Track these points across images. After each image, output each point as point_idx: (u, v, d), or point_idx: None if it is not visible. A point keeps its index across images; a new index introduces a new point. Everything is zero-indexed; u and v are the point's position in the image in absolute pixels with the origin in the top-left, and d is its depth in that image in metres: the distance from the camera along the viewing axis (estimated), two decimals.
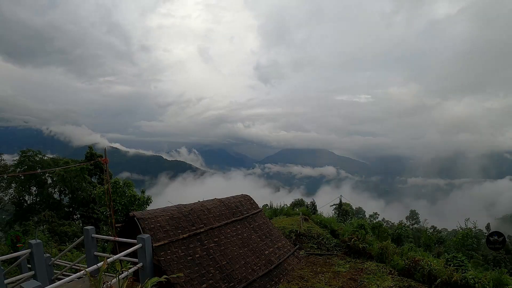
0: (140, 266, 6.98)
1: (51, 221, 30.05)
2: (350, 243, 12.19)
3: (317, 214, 19.77)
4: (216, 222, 9.98)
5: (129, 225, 8.54)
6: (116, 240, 7.70)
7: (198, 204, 10.44)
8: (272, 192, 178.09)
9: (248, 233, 10.79)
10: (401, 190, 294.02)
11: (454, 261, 10.09)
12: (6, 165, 38.15)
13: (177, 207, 9.56)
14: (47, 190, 36.84)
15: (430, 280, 9.30)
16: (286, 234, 13.67)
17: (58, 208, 36.22)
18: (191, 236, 8.73)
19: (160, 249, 7.64)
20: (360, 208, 47.05)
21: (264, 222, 12.21)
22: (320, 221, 16.03)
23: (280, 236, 12.14)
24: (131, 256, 7.06)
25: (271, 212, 18.42)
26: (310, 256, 12.12)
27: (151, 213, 8.49)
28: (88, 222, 32.74)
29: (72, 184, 34.15)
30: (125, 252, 6.72)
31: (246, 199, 12.73)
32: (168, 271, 7.25)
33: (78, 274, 5.53)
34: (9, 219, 35.92)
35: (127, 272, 5.79)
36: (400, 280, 9.56)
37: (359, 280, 9.52)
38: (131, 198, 18.71)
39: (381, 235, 17.20)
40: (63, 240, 26.83)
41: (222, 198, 12.06)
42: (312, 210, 21.45)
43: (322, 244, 13.28)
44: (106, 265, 4.99)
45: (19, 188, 36.91)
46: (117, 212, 17.72)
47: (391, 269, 10.41)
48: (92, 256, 8.03)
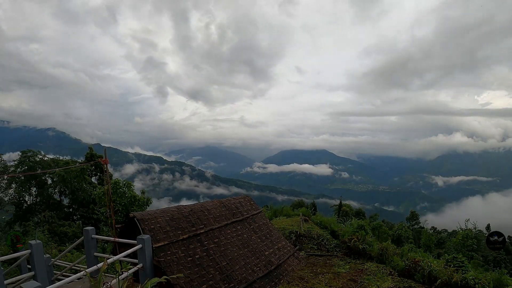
0: (140, 266, 6.98)
1: (51, 221, 30.04)
2: (350, 244, 12.19)
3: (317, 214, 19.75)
4: (216, 223, 9.98)
5: (129, 226, 8.54)
6: (116, 241, 7.70)
7: (198, 205, 10.44)
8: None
9: (248, 234, 10.79)
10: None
11: (454, 261, 10.08)
12: (6, 165, 38.17)
13: (177, 208, 9.56)
14: (47, 191, 36.80)
15: (430, 281, 9.29)
16: (286, 235, 13.67)
17: (58, 208, 36.20)
18: (191, 237, 8.73)
19: (160, 250, 7.64)
20: (360, 209, 47.01)
21: (264, 223, 12.21)
22: (320, 222, 16.02)
23: (280, 237, 12.14)
24: (131, 257, 7.05)
25: (271, 213, 18.43)
26: (310, 257, 12.12)
27: (151, 214, 8.49)
28: (88, 222, 32.73)
29: (72, 184, 34.13)
30: (125, 253, 6.71)
31: (246, 200, 12.73)
32: (168, 271, 7.25)
33: (78, 275, 5.52)
34: (9, 220, 35.86)
35: (127, 272, 5.78)
36: (400, 281, 9.55)
37: (359, 281, 9.51)
38: (131, 199, 18.70)
39: (381, 236, 17.22)
40: (63, 241, 26.80)
41: (223, 199, 12.07)
42: (312, 211, 21.43)
43: (322, 245, 13.27)
44: (106, 265, 4.99)
45: (19, 189, 36.87)
46: (117, 213, 17.70)
47: (391, 270, 10.40)
48: (92, 257, 8.03)
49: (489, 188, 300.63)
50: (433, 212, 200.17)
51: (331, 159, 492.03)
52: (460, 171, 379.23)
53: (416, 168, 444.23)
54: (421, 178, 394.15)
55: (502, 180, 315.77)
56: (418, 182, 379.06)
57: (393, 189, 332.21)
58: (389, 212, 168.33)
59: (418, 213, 51.96)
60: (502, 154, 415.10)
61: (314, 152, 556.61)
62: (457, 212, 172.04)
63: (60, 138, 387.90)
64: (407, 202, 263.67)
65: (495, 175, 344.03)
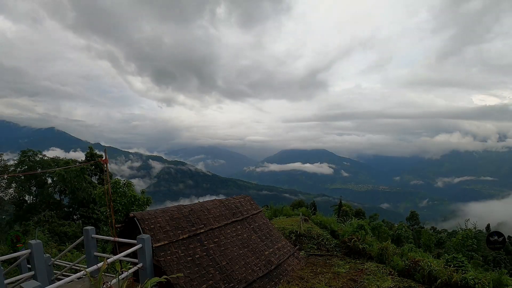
0: (140, 266, 6.98)
1: (51, 221, 30.06)
2: (350, 243, 12.19)
3: (317, 214, 19.76)
4: (216, 222, 9.98)
5: (129, 225, 8.54)
6: (116, 240, 7.70)
7: (198, 204, 10.44)
8: None
9: (248, 234, 10.79)
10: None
11: (454, 261, 10.08)
12: (6, 165, 38.21)
13: (177, 207, 9.56)
14: (47, 190, 36.83)
15: (430, 281, 9.29)
16: (286, 234, 13.67)
17: (58, 208, 36.24)
18: (191, 236, 8.73)
19: (160, 250, 7.65)
20: (359, 208, 47.04)
21: (264, 222, 12.21)
22: (320, 221, 16.03)
23: (280, 237, 12.14)
24: (131, 256, 7.06)
25: (271, 212, 18.43)
26: (310, 257, 12.12)
27: (151, 214, 8.50)
28: (88, 222, 32.75)
29: (72, 184, 34.16)
30: (125, 253, 6.71)
31: (246, 199, 12.73)
32: (168, 271, 7.25)
33: (78, 275, 5.52)
34: (9, 219, 35.92)
35: (127, 272, 5.79)
36: (400, 281, 9.55)
37: (359, 281, 9.51)
38: (131, 199, 18.69)
39: (381, 235, 17.21)
40: (63, 241, 26.83)
41: (222, 198, 12.08)
42: (312, 210, 21.43)
43: (322, 245, 13.27)
44: (106, 265, 4.99)
45: (19, 188, 36.92)
46: (117, 213, 17.70)
47: (391, 270, 10.40)
48: (92, 256, 8.03)
49: (489, 188, 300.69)
50: (433, 212, 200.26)
51: (331, 159, 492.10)
52: (461, 171, 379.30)
53: (416, 168, 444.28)
54: (421, 178, 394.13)
55: (502, 180, 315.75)
56: (418, 182, 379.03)
57: (393, 189, 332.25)
58: (389, 212, 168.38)
59: (418, 213, 51.92)
60: (502, 154, 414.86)
61: (314, 151, 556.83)
62: (458, 212, 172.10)
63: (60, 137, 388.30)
64: (407, 202, 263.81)
65: (495, 175, 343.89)
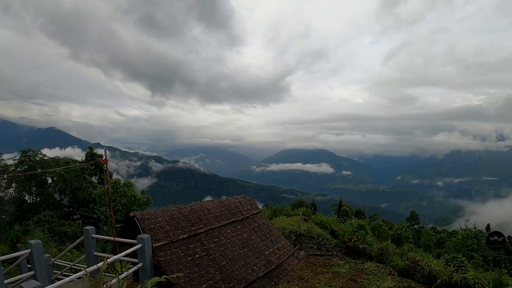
0: (140, 266, 6.99)
1: (51, 221, 30.08)
2: (350, 243, 12.18)
3: (317, 214, 19.76)
4: (216, 222, 9.98)
5: (129, 225, 8.55)
6: (116, 240, 7.71)
7: (198, 204, 10.44)
8: None
9: (248, 234, 10.79)
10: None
11: (454, 261, 10.07)
12: (6, 165, 38.21)
13: (177, 207, 9.57)
14: (47, 190, 36.85)
15: (430, 281, 9.28)
16: (286, 234, 13.67)
17: (58, 208, 36.25)
18: (191, 236, 8.73)
19: (160, 249, 7.65)
20: (359, 208, 47.07)
21: (264, 222, 12.21)
22: (320, 221, 16.02)
23: (280, 237, 12.14)
24: (131, 256, 7.06)
25: (271, 212, 18.42)
26: (310, 257, 12.12)
27: (151, 214, 8.50)
28: (88, 222, 32.78)
29: (72, 184, 34.18)
30: (125, 252, 6.72)
31: (246, 199, 12.73)
32: (168, 271, 7.25)
33: (78, 274, 5.53)
34: (9, 219, 35.93)
35: (127, 272, 5.79)
36: (400, 281, 9.54)
37: (359, 281, 9.51)
38: (131, 198, 18.71)
39: (381, 235, 17.21)
40: (63, 240, 26.86)
41: (223, 198, 12.07)
42: (312, 210, 21.42)
43: (322, 245, 13.27)
44: (106, 265, 4.99)
45: (19, 188, 36.93)
46: (117, 212, 17.72)
47: (391, 270, 10.40)
48: (92, 256, 8.04)
49: (489, 188, 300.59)
50: (433, 212, 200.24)
51: (331, 159, 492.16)
52: (461, 171, 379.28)
53: (416, 168, 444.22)
54: (421, 178, 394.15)
55: (502, 180, 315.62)
56: (418, 182, 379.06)
57: (393, 189, 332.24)
58: (389, 212, 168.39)
59: (418, 213, 51.90)
60: (503, 154, 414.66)
61: (314, 151, 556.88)
62: (458, 212, 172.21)
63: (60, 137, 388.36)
64: (407, 202, 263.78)
65: (495, 175, 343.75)
